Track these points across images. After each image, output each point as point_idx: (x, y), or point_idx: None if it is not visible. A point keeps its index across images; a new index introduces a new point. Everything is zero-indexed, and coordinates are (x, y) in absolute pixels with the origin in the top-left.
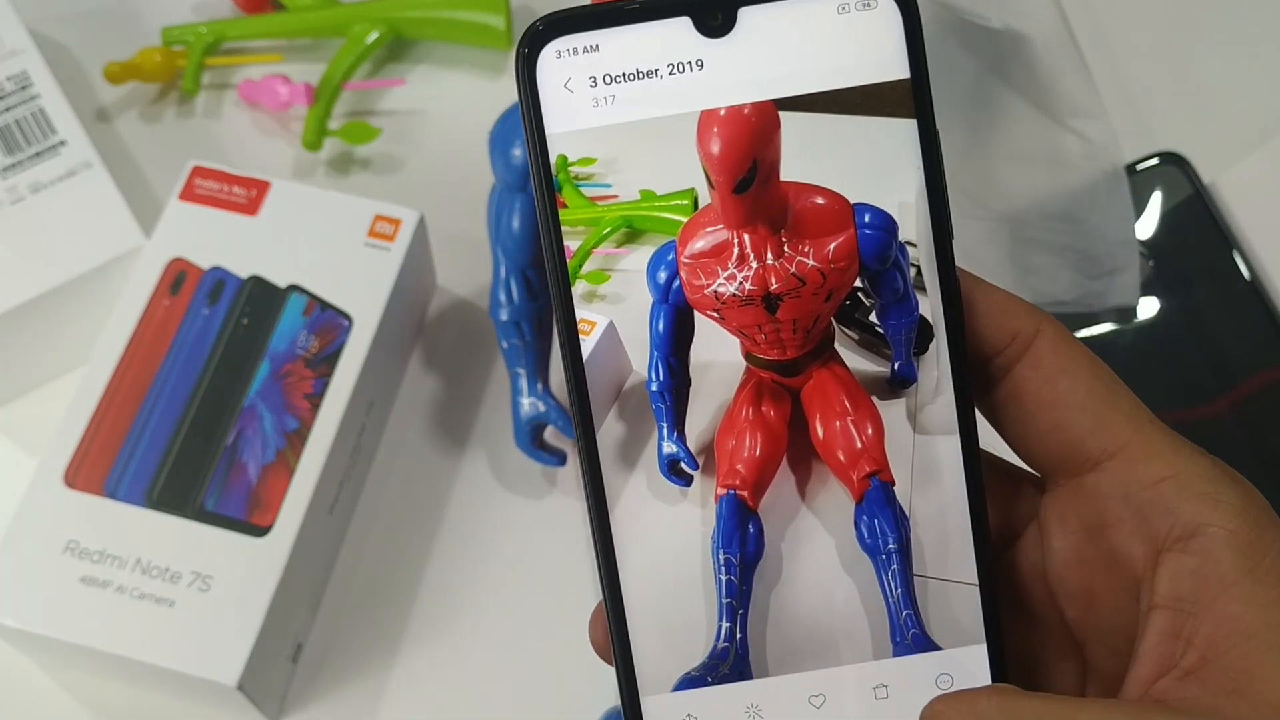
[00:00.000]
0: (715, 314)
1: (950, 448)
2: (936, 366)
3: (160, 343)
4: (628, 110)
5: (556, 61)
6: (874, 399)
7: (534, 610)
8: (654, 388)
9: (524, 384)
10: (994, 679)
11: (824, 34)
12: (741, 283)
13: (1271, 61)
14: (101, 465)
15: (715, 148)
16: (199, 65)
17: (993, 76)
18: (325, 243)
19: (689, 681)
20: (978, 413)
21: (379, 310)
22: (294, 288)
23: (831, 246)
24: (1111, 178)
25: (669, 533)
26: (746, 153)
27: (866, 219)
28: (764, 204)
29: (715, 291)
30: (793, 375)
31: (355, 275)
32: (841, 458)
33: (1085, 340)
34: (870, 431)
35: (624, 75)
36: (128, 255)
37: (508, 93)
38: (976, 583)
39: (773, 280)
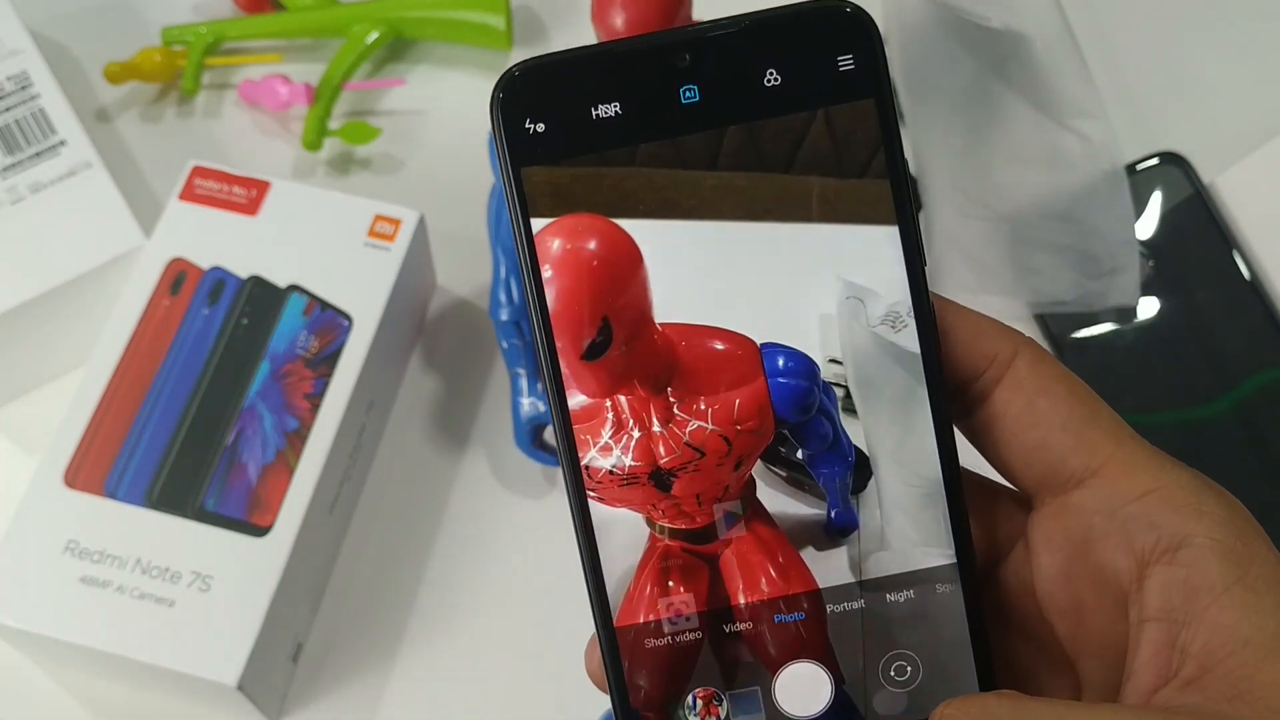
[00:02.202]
0: (591, 493)
1: (932, 464)
2: (879, 507)
3: (160, 343)
4: (601, 150)
5: (531, 105)
6: (811, 549)
7: (534, 610)
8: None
9: (524, 384)
10: None
11: (790, 67)
12: (620, 457)
13: (1271, 61)
14: (101, 465)
15: (552, 303)
16: (199, 65)
17: (993, 76)
18: (325, 243)
19: None
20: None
21: (379, 310)
22: (294, 288)
23: (737, 403)
24: (1111, 178)
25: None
26: (593, 310)
27: (780, 364)
28: (636, 363)
29: (586, 467)
30: (706, 542)
31: (355, 275)
32: (773, 652)
33: (1085, 341)
34: (807, 617)
35: (597, 116)
36: (128, 255)
37: None
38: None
39: (661, 452)
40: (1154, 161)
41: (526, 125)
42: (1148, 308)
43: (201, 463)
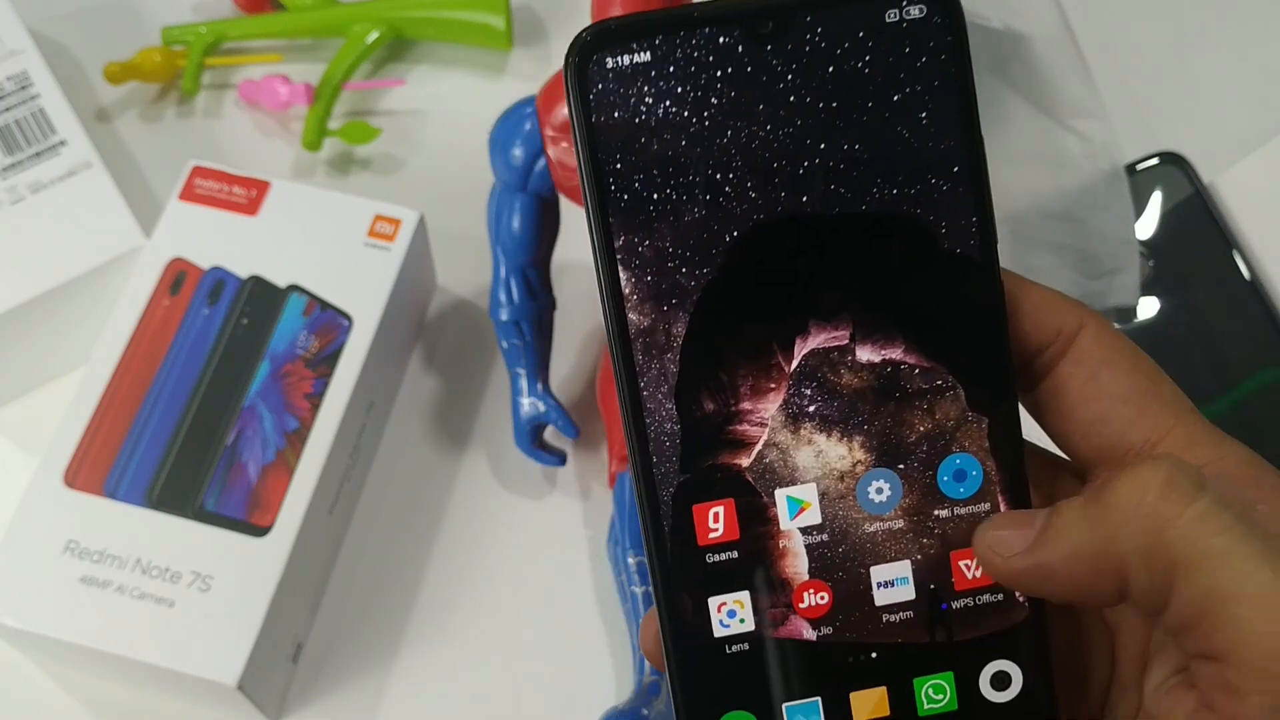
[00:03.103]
0: None
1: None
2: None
3: (160, 343)
4: (675, 115)
5: (607, 66)
6: None
7: (534, 610)
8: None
9: (524, 384)
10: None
11: (872, 40)
12: None
13: (1271, 61)
14: (101, 465)
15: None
16: (199, 65)
17: (993, 76)
18: (325, 243)
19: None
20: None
21: (379, 310)
22: (294, 288)
23: None
24: (1111, 177)
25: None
26: None
27: None
28: None
29: None
30: None
31: (355, 275)
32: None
33: None
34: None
35: (672, 82)
36: (128, 255)
37: (508, 92)
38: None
39: None
40: (1154, 161)
41: (602, 85)
42: (1148, 307)
43: (201, 463)
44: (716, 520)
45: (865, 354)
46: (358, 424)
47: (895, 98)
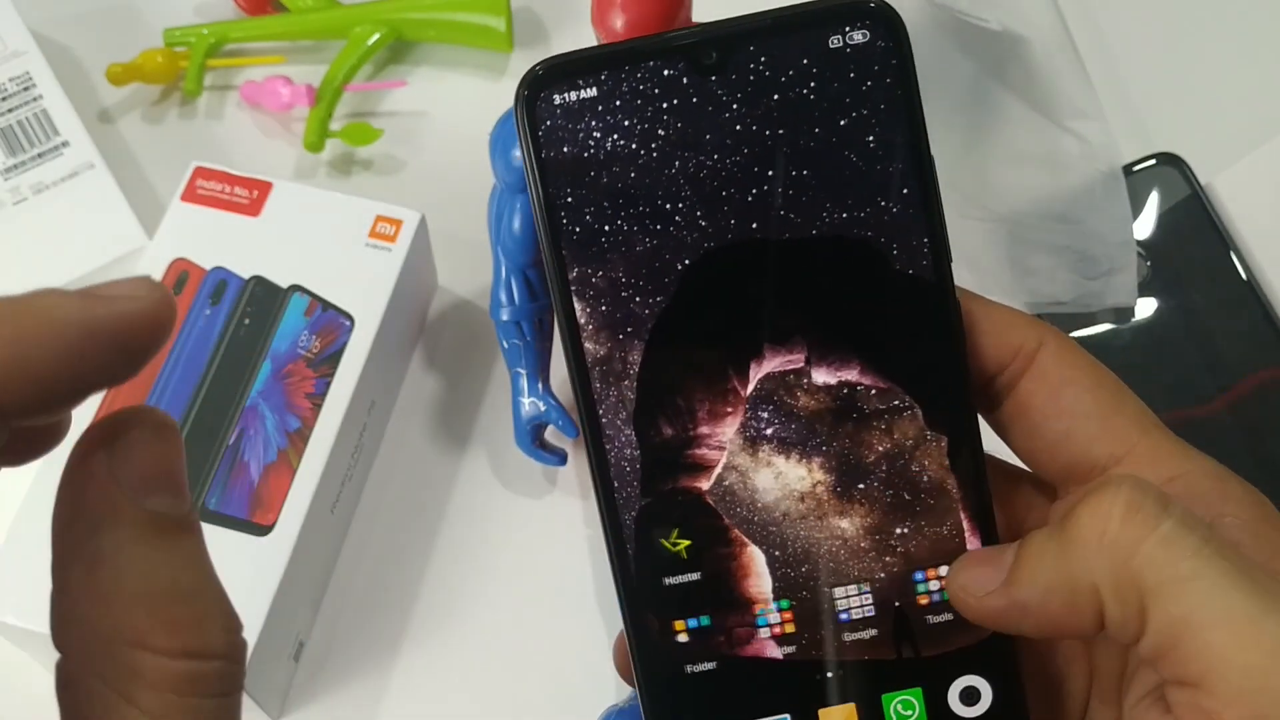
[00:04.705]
0: None
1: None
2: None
3: None
4: (624, 148)
5: (555, 103)
6: None
7: (535, 609)
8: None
9: (524, 384)
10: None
11: (816, 66)
12: None
13: (1270, 62)
14: None
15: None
16: (201, 66)
17: (991, 78)
18: (327, 243)
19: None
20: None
21: (380, 310)
22: (296, 288)
23: None
24: (1109, 179)
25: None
26: None
27: None
28: None
29: None
30: None
31: (357, 276)
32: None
33: (1083, 341)
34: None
35: (620, 115)
36: (130, 256)
37: (509, 94)
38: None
39: None
40: (1151, 162)
41: (551, 121)
42: (1145, 308)
43: (203, 462)
44: (678, 543)
45: (821, 376)
46: (359, 423)
47: (842, 122)
